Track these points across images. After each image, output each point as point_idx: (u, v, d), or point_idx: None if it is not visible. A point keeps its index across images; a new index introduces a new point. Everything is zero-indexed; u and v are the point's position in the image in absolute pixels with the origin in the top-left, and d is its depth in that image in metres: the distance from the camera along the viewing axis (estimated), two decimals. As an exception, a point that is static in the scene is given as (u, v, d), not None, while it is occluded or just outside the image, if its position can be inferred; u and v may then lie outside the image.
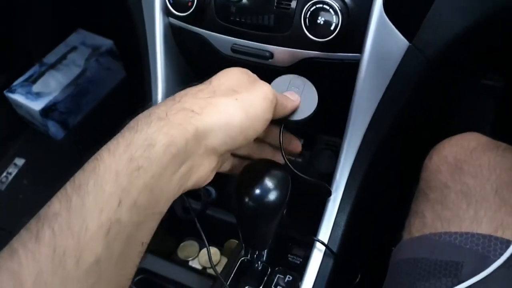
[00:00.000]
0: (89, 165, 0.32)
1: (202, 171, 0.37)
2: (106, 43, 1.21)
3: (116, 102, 1.23)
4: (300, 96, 0.45)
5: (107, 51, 1.20)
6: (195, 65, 0.62)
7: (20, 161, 1.14)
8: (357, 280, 0.58)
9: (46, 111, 1.10)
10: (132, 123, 0.34)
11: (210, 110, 0.35)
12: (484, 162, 0.48)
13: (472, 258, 0.41)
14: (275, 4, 0.49)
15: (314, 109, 0.45)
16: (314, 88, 0.46)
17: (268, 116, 0.39)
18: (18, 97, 1.11)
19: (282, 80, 0.46)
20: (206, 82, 0.39)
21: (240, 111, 0.36)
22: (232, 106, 0.36)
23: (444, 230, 0.44)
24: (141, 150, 0.32)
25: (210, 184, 0.67)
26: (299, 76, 0.46)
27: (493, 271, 0.40)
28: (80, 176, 0.31)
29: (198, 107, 0.35)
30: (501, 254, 0.40)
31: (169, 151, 0.32)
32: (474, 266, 0.41)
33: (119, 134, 0.33)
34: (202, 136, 0.35)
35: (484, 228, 0.43)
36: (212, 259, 0.51)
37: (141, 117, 0.34)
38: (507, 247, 0.41)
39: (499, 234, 0.42)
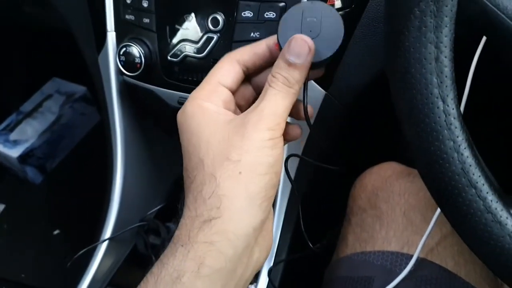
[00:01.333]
0: None
1: (258, 255, 0.34)
2: (79, 89, 1.29)
3: (91, 145, 1.29)
4: (319, 30, 0.35)
5: (81, 97, 1.28)
6: (148, 113, 0.70)
7: (0, 207, 1.19)
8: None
9: (24, 158, 1.16)
10: (162, 255, 0.32)
11: (226, 203, 0.31)
12: (396, 188, 0.55)
13: (382, 273, 0.49)
14: (211, 63, 0.57)
15: (339, 42, 0.35)
16: (337, 15, 0.35)
17: (279, 150, 0.33)
18: (-4, 146, 1.17)
19: (292, 16, 0.36)
20: (198, 164, 0.33)
21: (250, 179, 0.32)
22: (243, 184, 0.32)
23: (362, 250, 0.52)
24: (170, 285, 0.30)
25: (170, 220, 0.74)
26: (313, 2, 0.36)
27: (399, 283, 0.47)
28: None
29: (214, 209, 0.31)
30: (404, 268, 0.48)
31: (202, 274, 0.30)
32: (383, 279, 0.48)
33: (150, 270, 0.32)
34: (233, 233, 0.31)
35: (393, 246, 0.50)
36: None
37: (168, 248, 0.32)
38: (410, 261, 0.48)
39: (405, 250, 0.50)
